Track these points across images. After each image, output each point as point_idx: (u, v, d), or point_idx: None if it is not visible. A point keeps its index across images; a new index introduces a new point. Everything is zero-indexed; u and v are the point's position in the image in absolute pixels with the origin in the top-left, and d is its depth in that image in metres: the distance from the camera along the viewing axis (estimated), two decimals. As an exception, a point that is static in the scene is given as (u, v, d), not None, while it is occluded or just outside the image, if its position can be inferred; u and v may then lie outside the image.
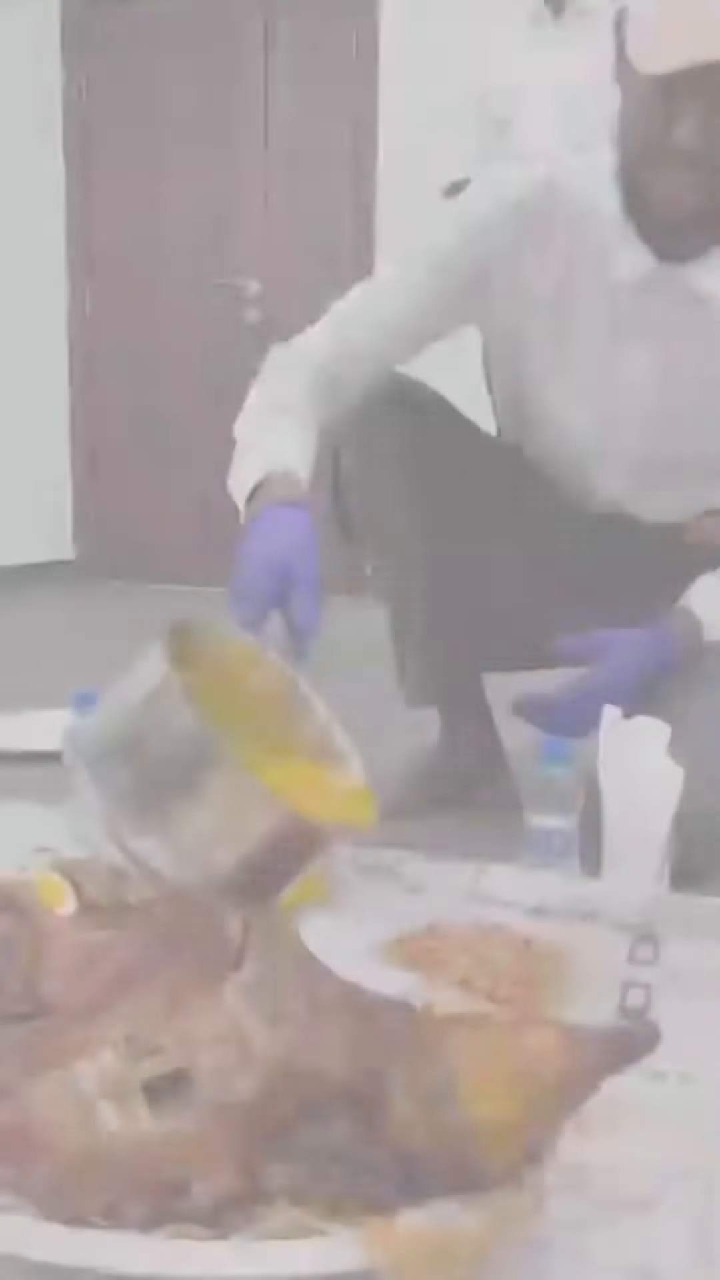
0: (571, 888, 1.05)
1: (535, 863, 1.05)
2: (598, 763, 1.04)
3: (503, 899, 1.09)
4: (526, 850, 1.06)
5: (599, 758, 1.04)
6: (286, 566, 0.98)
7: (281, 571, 0.98)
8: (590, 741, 1.11)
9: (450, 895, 1.10)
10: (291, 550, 0.99)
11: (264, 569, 0.98)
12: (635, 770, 1.02)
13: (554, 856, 1.04)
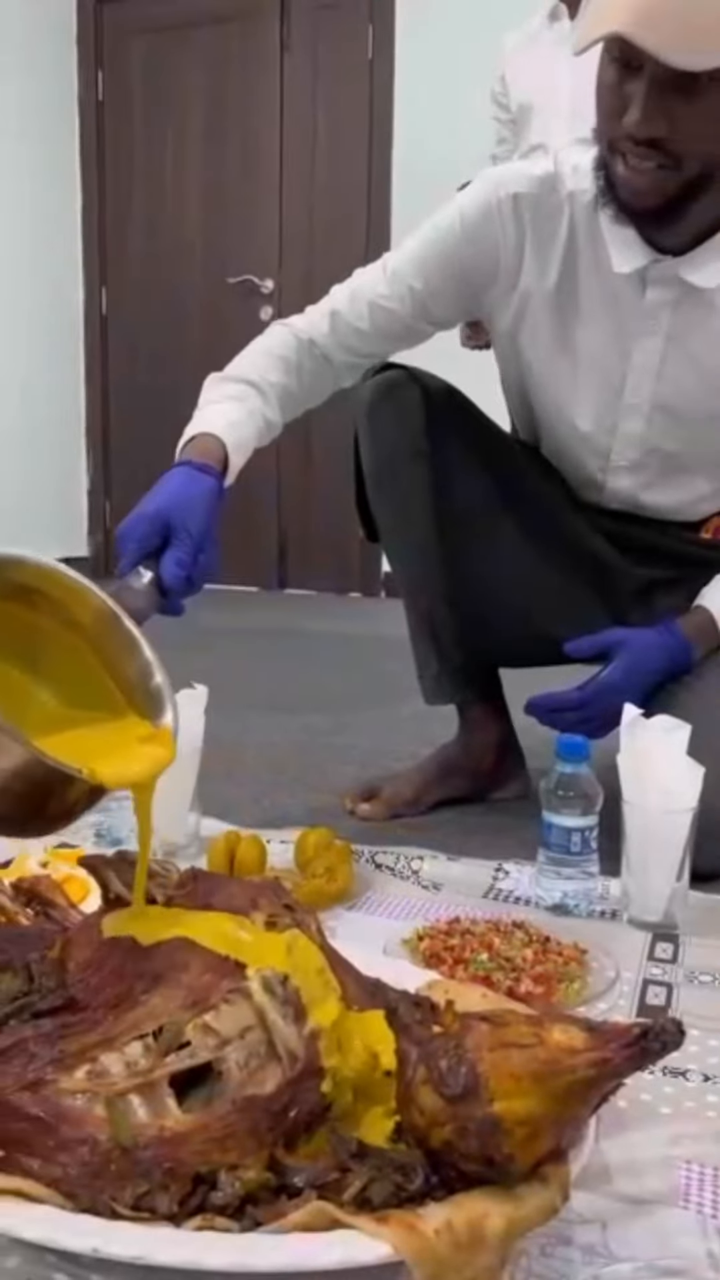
0: (591, 886, 1.06)
1: (554, 861, 1.05)
2: (618, 761, 1.04)
3: (522, 897, 1.09)
4: (545, 849, 1.06)
5: (619, 756, 1.04)
6: (169, 520, 1.00)
7: (163, 524, 1.00)
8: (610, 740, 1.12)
9: (469, 893, 1.11)
10: (178, 505, 1.02)
11: (147, 519, 1.01)
12: (655, 769, 1.02)
13: (573, 855, 1.04)
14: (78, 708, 0.77)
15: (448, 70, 3.57)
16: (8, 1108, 0.57)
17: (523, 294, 1.25)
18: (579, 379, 1.27)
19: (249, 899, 0.75)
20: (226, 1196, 0.56)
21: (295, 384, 1.26)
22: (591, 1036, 0.58)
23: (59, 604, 0.78)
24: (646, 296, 1.20)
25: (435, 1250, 0.52)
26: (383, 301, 1.26)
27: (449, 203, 1.27)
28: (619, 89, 1.04)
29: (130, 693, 0.78)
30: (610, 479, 1.33)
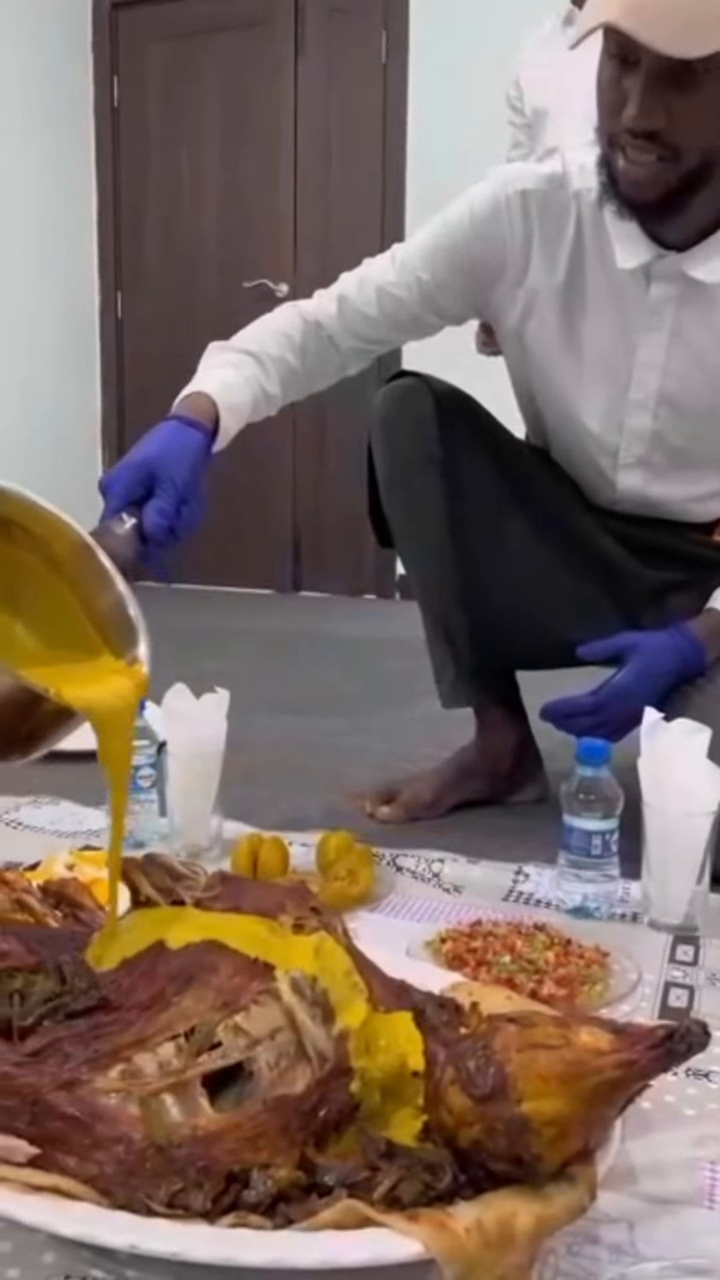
0: (611, 889, 1.06)
1: (575, 864, 1.06)
2: (638, 765, 1.04)
3: (542, 900, 1.10)
4: (566, 852, 1.06)
5: (639, 760, 1.04)
6: (154, 470, 1.02)
7: (148, 473, 1.02)
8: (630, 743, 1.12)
9: (490, 896, 1.11)
10: (164, 456, 1.04)
11: (132, 468, 1.02)
12: (675, 772, 1.02)
13: (594, 858, 1.05)
14: (54, 645, 0.78)
15: (461, 74, 3.57)
16: (44, 1106, 0.58)
17: (530, 290, 1.27)
18: (585, 375, 1.29)
19: (276, 902, 0.76)
20: (259, 1195, 0.57)
21: (297, 362, 1.27)
22: (618, 1038, 0.59)
23: (39, 540, 0.78)
24: (651, 292, 1.22)
25: (465, 1248, 0.53)
26: (391, 289, 1.28)
27: (459, 198, 1.28)
28: (618, 84, 1.06)
29: (104, 625, 0.78)
30: (620, 476, 1.33)
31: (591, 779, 1.05)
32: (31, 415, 3.98)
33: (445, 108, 3.64)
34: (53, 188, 4.10)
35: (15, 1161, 0.57)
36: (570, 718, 1.21)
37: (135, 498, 1.01)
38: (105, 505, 1.01)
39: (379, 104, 3.82)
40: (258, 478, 4.18)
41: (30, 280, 4.03)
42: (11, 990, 0.67)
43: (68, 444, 4.21)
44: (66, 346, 4.22)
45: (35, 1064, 0.61)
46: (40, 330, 4.07)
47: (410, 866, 1.18)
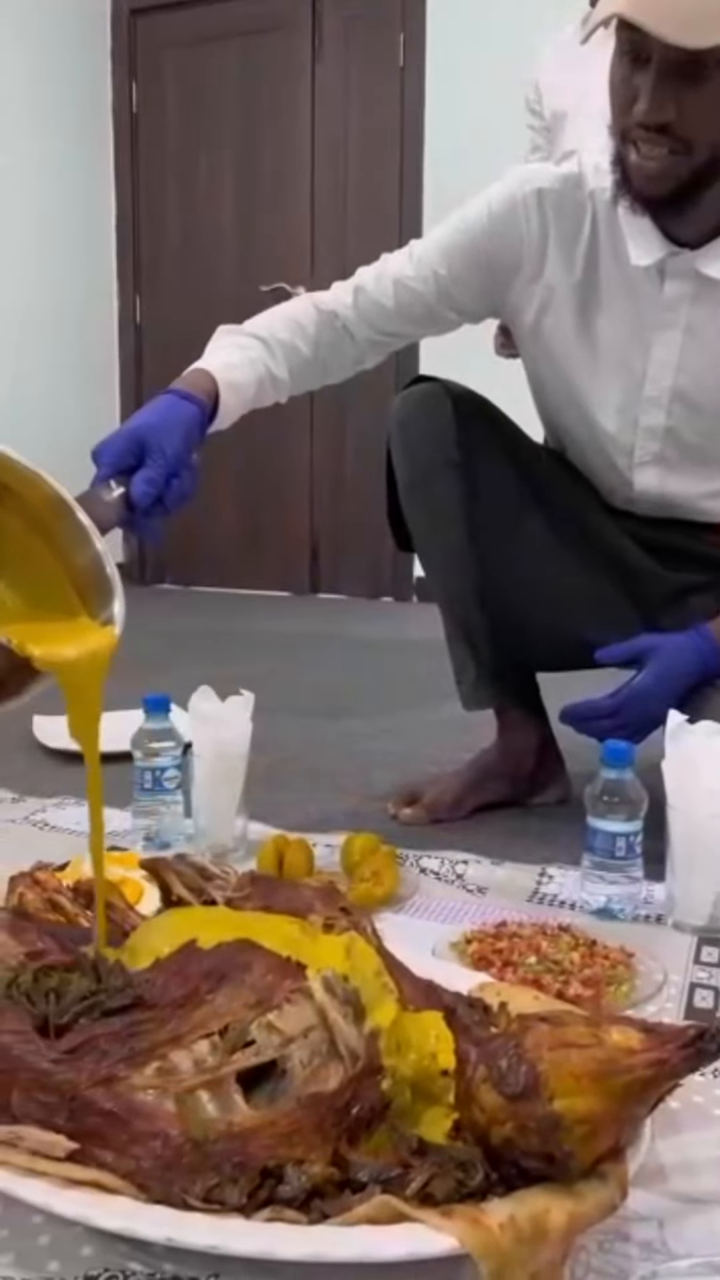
0: (635, 891, 1.07)
1: (599, 866, 1.06)
2: (662, 767, 1.05)
3: (566, 901, 1.10)
4: (590, 853, 1.07)
5: (664, 762, 1.05)
6: (143, 440, 1.03)
7: (138, 443, 1.03)
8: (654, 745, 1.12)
9: (514, 897, 1.12)
10: (156, 427, 1.04)
11: (123, 437, 1.03)
12: (700, 774, 1.02)
13: (618, 860, 1.05)
14: (36, 605, 0.78)
15: (478, 78, 3.58)
16: (83, 1102, 0.59)
17: (546, 286, 1.28)
18: (600, 372, 1.29)
19: (306, 902, 0.77)
20: (294, 1190, 0.58)
21: (309, 350, 1.28)
22: (648, 1037, 0.60)
23: (21, 499, 0.78)
24: (665, 290, 1.23)
25: (500, 1244, 0.53)
26: (408, 282, 1.29)
27: (477, 196, 1.30)
28: (629, 81, 1.08)
29: (81, 583, 0.79)
30: (637, 475, 1.34)
31: (616, 781, 1.05)
32: (51, 419, 4.00)
33: (462, 111, 3.64)
34: (72, 193, 4.13)
35: (54, 1156, 0.58)
36: (589, 720, 1.22)
37: (125, 466, 1.02)
38: (96, 473, 1.02)
39: (396, 107, 3.83)
40: (276, 481, 4.20)
41: (49, 285, 4.06)
42: (48, 988, 0.68)
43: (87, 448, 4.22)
44: (86, 351, 4.25)
45: (73, 1061, 0.62)
46: (60, 335, 4.10)
47: (434, 868, 1.18)
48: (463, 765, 1.49)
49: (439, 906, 1.09)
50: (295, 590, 4.23)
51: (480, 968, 0.90)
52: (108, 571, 0.79)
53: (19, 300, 3.92)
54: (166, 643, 2.99)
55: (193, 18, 4.13)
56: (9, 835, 1.27)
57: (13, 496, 0.78)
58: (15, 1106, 0.61)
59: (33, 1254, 0.59)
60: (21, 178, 3.90)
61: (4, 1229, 0.60)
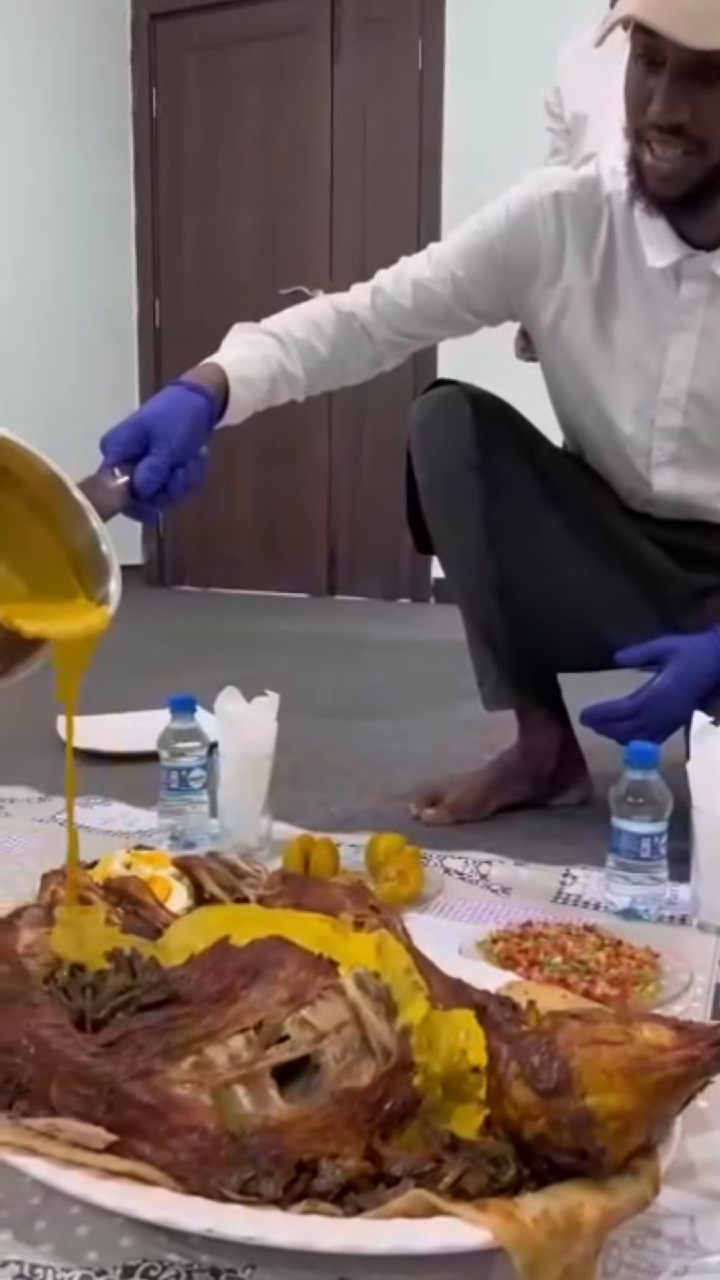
0: (660, 891, 1.07)
1: (624, 867, 1.07)
2: (687, 768, 1.05)
3: (590, 902, 1.11)
4: (615, 854, 1.07)
5: (689, 763, 1.05)
6: (149, 430, 1.03)
7: (144, 433, 1.03)
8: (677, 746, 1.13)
9: (539, 898, 1.12)
10: (162, 417, 1.05)
11: (130, 426, 1.04)
12: (724, 775, 1.03)
13: (643, 861, 1.06)
14: (36, 586, 0.79)
15: (497, 81, 3.58)
16: (121, 1095, 0.60)
17: (564, 289, 1.29)
18: (618, 374, 1.30)
19: (337, 900, 0.78)
20: (329, 1183, 0.59)
21: (325, 349, 1.28)
22: (679, 1035, 0.60)
23: (19, 480, 0.79)
24: (681, 292, 1.24)
25: (534, 1238, 0.54)
26: (426, 283, 1.30)
27: (496, 200, 1.31)
28: (644, 83, 1.10)
29: (79, 562, 0.80)
30: (655, 476, 1.35)
31: (640, 782, 1.06)
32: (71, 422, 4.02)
33: (480, 114, 3.65)
34: (91, 197, 4.16)
35: (93, 1148, 0.59)
36: (609, 722, 1.22)
37: (131, 454, 1.03)
38: (103, 460, 1.03)
39: (415, 111, 3.84)
40: (294, 484, 4.21)
41: (69, 289, 4.09)
42: (84, 984, 0.69)
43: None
44: (105, 355, 4.28)
45: (110, 1054, 0.63)
46: (79, 339, 4.13)
47: (458, 868, 1.19)
48: (484, 766, 1.49)
49: (464, 906, 1.10)
50: (313, 592, 4.24)
51: (507, 967, 0.91)
52: (103, 550, 0.80)
53: (39, 303, 3.95)
54: (187, 644, 3.01)
55: (212, 22, 4.15)
56: (37, 834, 1.29)
57: (13, 480, 0.79)
58: (54, 1099, 0.62)
59: (72, 1244, 0.60)
60: (42, 181, 3.93)
61: (43, 1219, 0.62)
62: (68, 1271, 0.58)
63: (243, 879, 0.78)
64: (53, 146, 3.97)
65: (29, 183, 3.88)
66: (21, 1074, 0.63)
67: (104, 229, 4.24)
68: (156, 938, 0.76)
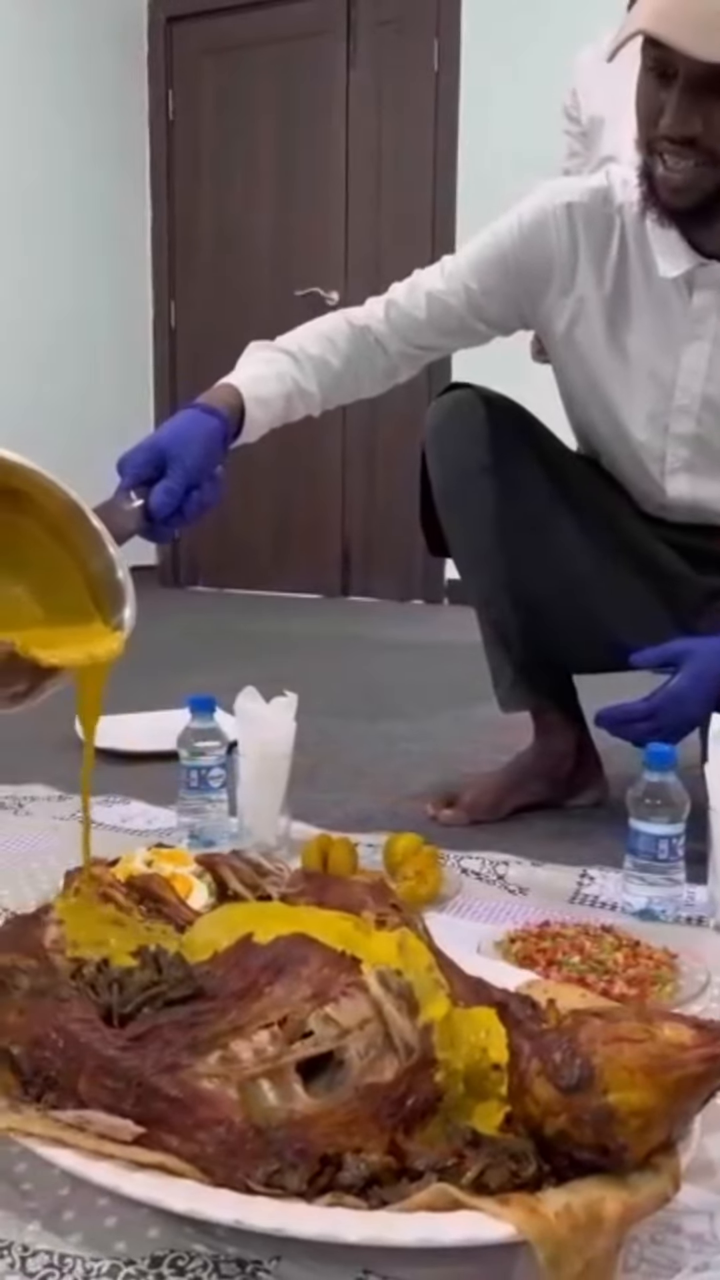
0: (677, 893, 1.08)
1: (641, 868, 1.07)
2: (705, 770, 1.05)
3: (607, 902, 1.11)
4: (632, 855, 1.08)
5: (706, 765, 1.06)
6: (165, 452, 1.05)
7: (159, 456, 1.05)
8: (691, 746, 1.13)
9: (556, 898, 1.13)
10: (177, 440, 1.07)
11: (144, 450, 1.06)
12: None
13: (660, 862, 1.06)
14: (54, 610, 0.82)
15: (513, 84, 3.59)
16: (149, 1088, 0.61)
17: (578, 299, 1.30)
18: (631, 383, 1.31)
19: (358, 899, 0.79)
20: (353, 1177, 0.59)
21: (339, 363, 1.29)
22: (700, 1034, 0.61)
23: (38, 506, 0.81)
24: (694, 301, 1.25)
25: (556, 1231, 0.55)
26: (439, 295, 1.31)
27: (508, 211, 1.32)
28: (655, 96, 1.11)
29: (96, 588, 0.83)
30: (669, 483, 1.35)
31: (658, 783, 1.06)
32: (85, 424, 4.05)
33: (496, 117, 3.65)
34: (107, 200, 4.18)
35: (121, 1140, 0.60)
36: (624, 724, 1.22)
37: (146, 478, 1.04)
38: (119, 483, 1.05)
39: (430, 113, 3.85)
40: (308, 485, 4.22)
41: (85, 291, 4.11)
42: (111, 980, 0.70)
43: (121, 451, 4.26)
44: (120, 355, 4.30)
45: (138, 1048, 0.64)
46: (95, 340, 4.15)
47: (475, 868, 1.20)
48: (500, 767, 1.50)
49: (481, 906, 1.11)
50: (326, 593, 4.25)
51: (525, 967, 0.91)
52: (119, 577, 0.83)
53: (55, 305, 3.97)
54: (201, 644, 3.02)
55: (228, 25, 4.17)
56: (58, 832, 1.30)
57: (34, 505, 0.81)
58: (83, 1091, 0.63)
59: (100, 1235, 0.61)
60: (59, 182, 3.95)
61: (71, 1210, 0.63)
62: (96, 1261, 0.59)
63: (266, 877, 0.79)
64: (69, 148, 3.99)
65: (46, 184, 3.90)
66: (50, 1067, 0.64)
67: (120, 230, 4.26)
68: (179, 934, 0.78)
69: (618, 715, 1.23)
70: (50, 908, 0.78)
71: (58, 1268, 0.59)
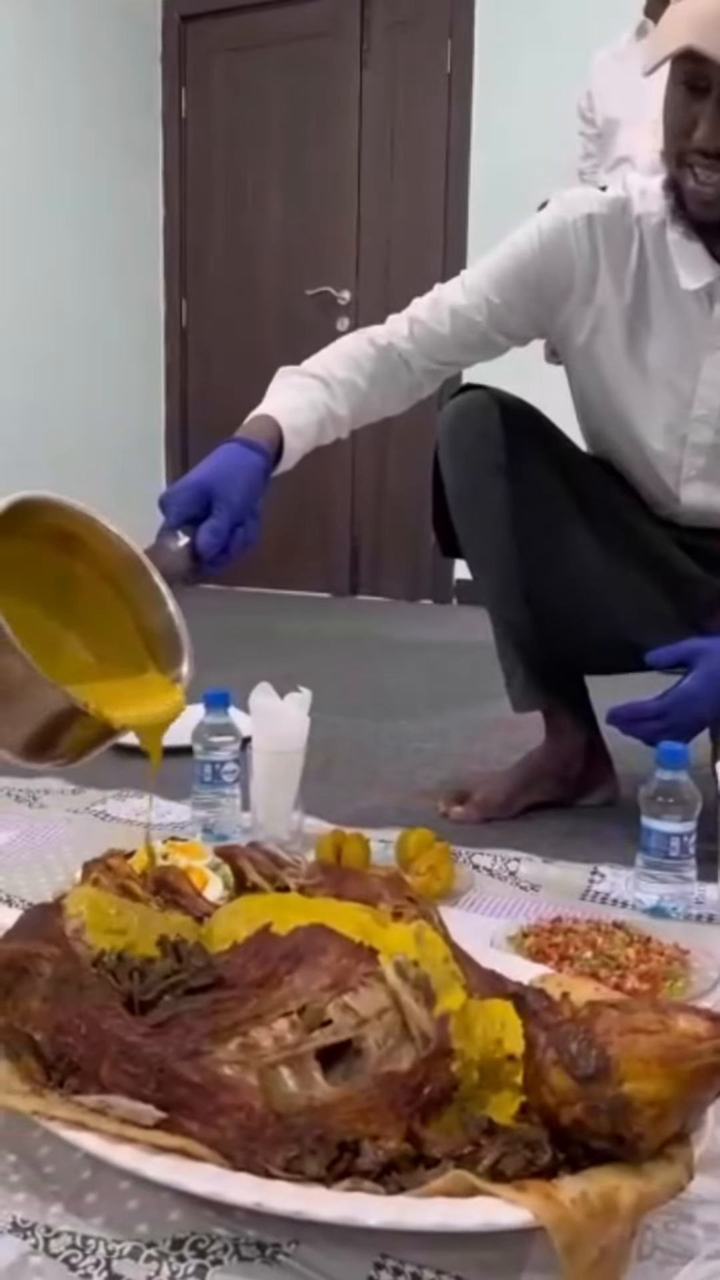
0: (688, 890, 1.08)
1: (652, 865, 1.08)
2: (716, 769, 1.06)
3: (618, 899, 1.12)
4: (644, 853, 1.08)
5: (717, 763, 1.06)
6: (210, 491, 1.06)
7: (205, 494, 1.06)
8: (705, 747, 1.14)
9: (567, 895, 1.14)
10: (221, 478, 1.08)
11: (189, 488, 1.07)
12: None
13: (671, 860, 1.07)
14: (105, 658, 0.84)
15: (526, 84, 3.59)
16: (170, 1074, 0.62)
17: (599, 309, 1.31)
18: (650, 392, 1.32)
19: (375, 891, 0.80)
20: (371, 1162, 0.60)
21: (366, 384, 1.30)
22: (715, 1025, 0.61)
23: (96, 554, 0.83)
24: (715, 312, 1.26)
25: (572, 1218, 0.56)
26: (462, 310, 1.32)
27: (527, 222, 1.33)
28: (687, 108, 1.11)
29: (153, 641, 0.84)
30: (684, 491, 1.36)
31: (670, 782, 1.07)
32: (97, 422, 4.07)
33: (509, 118, 3.66)
34: (120, 197, 4.19)
35: (143, 1124, 0.61)
36: (636, 722, 1.23)
37: (191, 516, 1.06)
38: (162, 522, 1.06)
39: (443, 113, 3.85)
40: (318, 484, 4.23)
41: (97, 288, 4.12)
42: (131, 968, 0.71)
43: (133, 451, 4.29)
44: (132, 354, 4.31)
45: (159, 1035, 0.65)
46: (107, 338, 4.16)
47: (487, 865, 1.20)
48: (512, 765, 1.51)
49: (493, 902, 1.11)
50: (336, 592, 4.26)
51: (537, 961, 0.92)
52: (179, 632, 0.84)
53: (66, 302, 3.98)
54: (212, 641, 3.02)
55: (242, 24, 4.18)
56: (72, 825, 1.31)
57: (86, 550, 0.83)
58: (105, 1077, 0.64)
59: (122, 1217, 0.62)
60: (70, 180, 3.96)
61: (94, 1193, 0.64)
62: (118, 1243, 0.60)
63: (283, 869, 0.80)
64: (82, 145, 4.01)
65: (58, 181, 3.91)
66: (73, 1052, 0.65)
67: (132, 228, 4.28)
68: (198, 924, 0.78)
69: (629, 714, 1.24)
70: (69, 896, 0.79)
71: (80, 1249, 0.60)
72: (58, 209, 3.91)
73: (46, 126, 3.85)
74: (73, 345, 4.01)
